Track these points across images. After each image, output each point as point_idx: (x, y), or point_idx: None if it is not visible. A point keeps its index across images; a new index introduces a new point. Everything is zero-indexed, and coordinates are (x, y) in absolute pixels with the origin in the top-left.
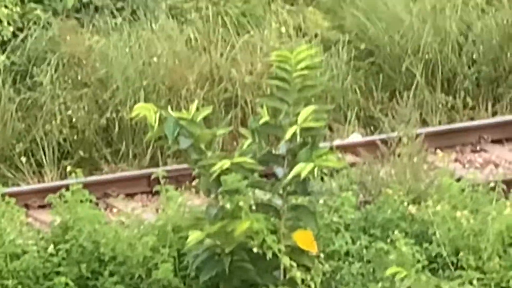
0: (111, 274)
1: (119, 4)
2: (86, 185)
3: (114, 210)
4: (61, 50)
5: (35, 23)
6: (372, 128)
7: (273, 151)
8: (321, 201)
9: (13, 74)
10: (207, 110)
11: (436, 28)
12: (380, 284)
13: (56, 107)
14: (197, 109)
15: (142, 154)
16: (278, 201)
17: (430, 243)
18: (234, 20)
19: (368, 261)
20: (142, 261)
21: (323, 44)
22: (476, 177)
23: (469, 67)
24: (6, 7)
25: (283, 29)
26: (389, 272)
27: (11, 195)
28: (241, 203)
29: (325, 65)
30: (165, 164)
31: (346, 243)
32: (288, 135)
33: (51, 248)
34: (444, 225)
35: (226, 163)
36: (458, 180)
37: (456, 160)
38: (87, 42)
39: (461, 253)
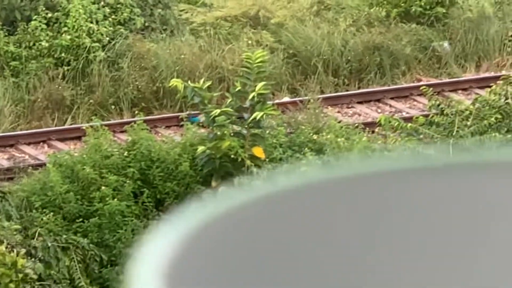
0: (157, 167)
1: (164, 27)
2: (144, 121)
3: (159, 134)
4: (133, 50)
5: (120, 35)
6: (295, 94)
7: (243, 105)
8: (267, 131)
9: (108, 62)
10: (208, 83)
11: (330, 43)
12: None
13: (130, 80)
14: (204, 82)
15: (174, 106)
16: (244, 131)
17: (324, 154)
18: (224, 37)
19: (290, 163)
20: (173, 161)
21: (270, 50)
22: (348, 121)
23: (346, 63)
24: (105, 27)
25: (249, 42)
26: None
27: (106, 125)
28: (225, 132)
29: (270, 61)
30: (186, 110)
31: (280, 153)
32: (250, 97)
33: (126, 153)
34: (331, 145)
35: (217, 111)
36: (339, 122)
37: (338, 112)
38: (147, 46)
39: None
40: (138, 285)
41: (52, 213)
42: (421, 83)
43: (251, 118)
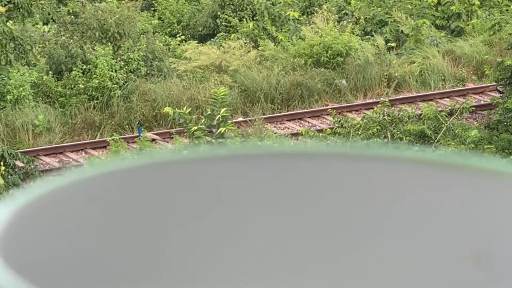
0: None
1: (159, 73)
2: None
3: (158, 143)
4: (140, 89)
5: (131, 80)
6: (246, 116)
7: (212, 124)
8: (228, 141)
9: (123, 97)
10: (189, 109)
11: (268, 82)
12: None
13: (138, 108)
14: (186, 109)
15: (167, 125)
16: (213, 140)
17: None
18: (199, 79)
19: None
20: None
21: (229, 87)
22: (281, 132)
23: (279, 95)
24: (121, 74)
25: (215, 82)
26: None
27: (122, 138)
28: (200, 141)
29: (229, 94)
30: (176, 128)
31: None
32: (216, 118)
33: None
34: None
35: (195, 128)
36: (275, 133)
37: (274, 126)
38: (148, 86)
39: None
40: None
41: None
42: (328, 107)
43: (217, 132)
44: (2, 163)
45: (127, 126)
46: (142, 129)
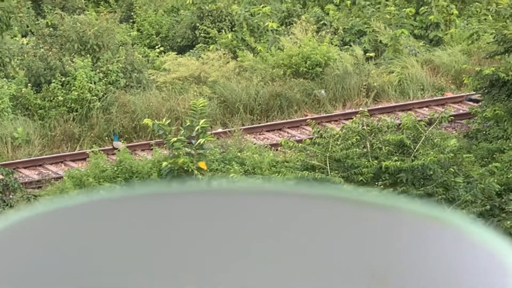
0: (136, 177)
1: (139, 85)
2: (127, 147)
3: (137, 155)
4: (119, 101)
5: (110, 91)
6: (225, 127)
7: (191, 135)
8: (207, 151)
9: (102, 109)
10: (168, 121)
11: (247, 93)
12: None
13: (117, 120)
14: (165, 120)
15: (147, 136)
16: (193, 152)
17: (245, 165)
18: (178, 90)
19: (223, 172)
20: (147, 172)
21: (208, 98)
22: (260, 143)
23: (258, 106)
24: (100, 86)
25: (194, 93)
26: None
27: (102, 150)
28: (180, 152)
29: (208, 105)
30: (155, 139)
31: (216, 165)
32: (196, 129)
33: (115, 168)
34: (250, 159)
35: (175, 139)
36: (254, 144)
37: (253, 137)
38: (128, 98)
39: (255, 169)
40: None
41: None
42: (307, 117)
43: (197, 143)
44: None
45: (106, 138)
46: (118, 138)
